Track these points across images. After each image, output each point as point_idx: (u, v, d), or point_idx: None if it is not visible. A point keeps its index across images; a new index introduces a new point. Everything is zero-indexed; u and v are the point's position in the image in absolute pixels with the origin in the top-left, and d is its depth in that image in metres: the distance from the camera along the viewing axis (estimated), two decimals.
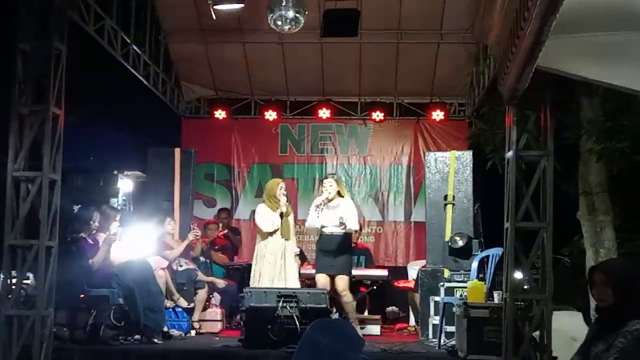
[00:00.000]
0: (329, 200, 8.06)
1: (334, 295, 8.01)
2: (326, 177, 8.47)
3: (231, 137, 12.46)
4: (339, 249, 7.99)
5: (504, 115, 6.66)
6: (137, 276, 7.27)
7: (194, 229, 8.85)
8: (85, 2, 8.08)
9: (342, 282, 7.96)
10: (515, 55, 4.99)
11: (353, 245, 8.66)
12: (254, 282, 8.12)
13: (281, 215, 8.15)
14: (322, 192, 8.17)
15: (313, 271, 8.71)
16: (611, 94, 7.75)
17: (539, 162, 6.40)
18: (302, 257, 9.26)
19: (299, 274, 8.54)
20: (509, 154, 6.40)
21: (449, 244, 8.29)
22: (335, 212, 8.02)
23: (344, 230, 7.94)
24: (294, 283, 8.13)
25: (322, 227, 8.05)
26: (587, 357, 3.62)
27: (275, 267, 8.08)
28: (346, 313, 8.02)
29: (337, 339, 2.96)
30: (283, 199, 8.19)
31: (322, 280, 8.03)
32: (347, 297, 7.98)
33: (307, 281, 8.81)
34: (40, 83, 6.59)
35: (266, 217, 8.16)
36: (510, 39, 5.12)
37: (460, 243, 8.22)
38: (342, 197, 8.18)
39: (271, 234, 8.16)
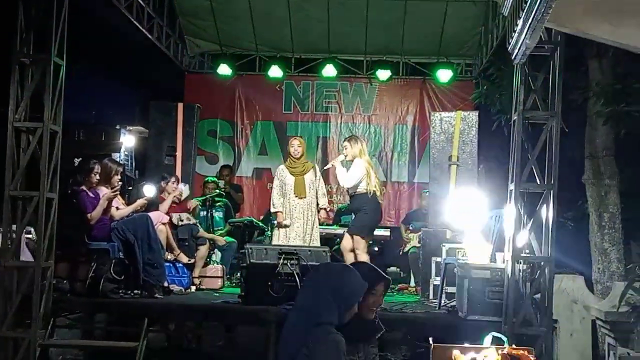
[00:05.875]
0: (349, 162, 8.14)
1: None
2: (345, 139, 8.55)
3: (235, 93, 12.42)
4: (358, 209, 8.12)
5: (512, 76, 6.56)
6: (137, 231, 7.24)
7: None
8: None
9: (355, 240, 8.03)
10: (526, 13, 4.87)
11: None
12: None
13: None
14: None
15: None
16: (621, 55, 7.62)
17: (546, 123, 6.33)
18: None
19: None
20: (515, 115, 6.32)
21: None
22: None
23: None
24: (310, 240, 8.37)
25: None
26: None
27: (299, 227, 8.36)
28: None
29: (339, 282, 2.96)
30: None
31: (345, 239, 8.19)
32: (360, 257, 7.92)
33: None
34: (42, 33, 6.50)
35: (275, 192, 8.50)
36: None
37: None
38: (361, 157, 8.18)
39: (286, 196, 8.43)
